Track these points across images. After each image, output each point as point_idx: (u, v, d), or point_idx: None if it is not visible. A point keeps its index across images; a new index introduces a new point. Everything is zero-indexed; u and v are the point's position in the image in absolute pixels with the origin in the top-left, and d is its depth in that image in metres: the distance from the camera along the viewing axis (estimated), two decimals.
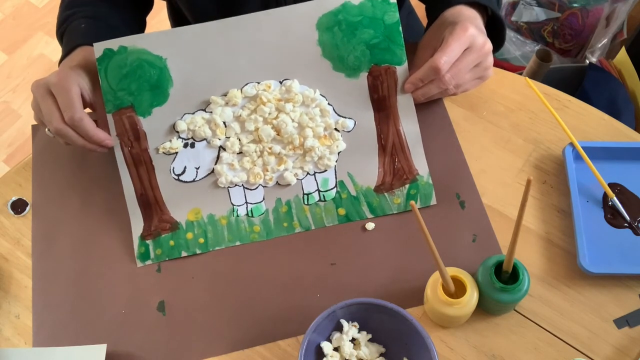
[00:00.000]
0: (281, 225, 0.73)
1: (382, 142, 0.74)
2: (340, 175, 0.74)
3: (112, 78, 0.71)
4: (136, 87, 0.71)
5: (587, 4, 1.42)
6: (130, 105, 0.71)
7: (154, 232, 0.72)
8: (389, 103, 0.74)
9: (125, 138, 0.72)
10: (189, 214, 0.72)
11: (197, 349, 0.67)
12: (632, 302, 0.67)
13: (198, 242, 0.72)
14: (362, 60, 0.73)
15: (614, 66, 1.31)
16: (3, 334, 0.69)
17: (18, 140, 1.76)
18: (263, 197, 0.74)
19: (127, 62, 0.70)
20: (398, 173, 0.74)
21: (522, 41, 1.52)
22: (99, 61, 0.71)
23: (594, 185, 0.72)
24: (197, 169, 0.73)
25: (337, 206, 0.73)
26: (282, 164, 0.73)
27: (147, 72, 0.71)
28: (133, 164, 0.73)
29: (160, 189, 0.73)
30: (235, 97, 0.72)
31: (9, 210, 0.76)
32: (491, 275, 0.62)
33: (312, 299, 0.69)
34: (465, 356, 0.65)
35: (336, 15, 0.72)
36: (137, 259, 0.71)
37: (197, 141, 0.73)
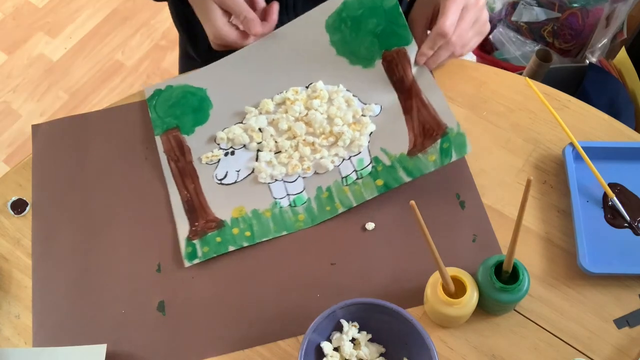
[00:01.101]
0: (324, 210, 0.73)
1: (408, 112, 0.77)
2: (373, 152, 0.76)
3: (160, 109, 0.80)
4: (180, 112, 0.80)
5: (587, 4, 1.42)
6: (175, 127, 0.79)
7: (200, 231, 0.73)
8: (407, 81, 0.77)
9: (172, 154, 0.78)
10: (234, 211, 0.74)
11: (197, 349, 0.67)
12: (632, 302, 0.67)
13: (244, 235, 0.72)
14: (373, 49, 0.78)
15: (614, 66, 1.31)
16: (3, 334, 0.69)
17: (18, 140, 1.77)
18: (303, 187, 0.75)
19: (173, 95, 0.81)
20: (428, 132, 0.74)
21: (522, 41, 1.52)
22: (149, 100, 0.81)
23: (594, 185, 0.72)
24: (237, 171, 0.76)
25: (375, 178, 0.74)
26: (318, 153, 0.76)
27: (189, 100, 0.80)
28: (179, 175, 0.77)
29: (204, 194, 0.75)
30: (267, 105, 0.79)
31: (9, 210, 0.76)
32: (491, 275, 0.62)
33: (312, 299, 0.69)
34: (465, 356, 0.65)
35: (340, 14, 0.79)
36: (185, 258, 0.71)
37: (237, 149, 0.77)
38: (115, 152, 0.79)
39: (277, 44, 0.81)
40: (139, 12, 2.00)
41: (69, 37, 1.92)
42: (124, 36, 1.95)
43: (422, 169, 0.72)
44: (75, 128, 0.82)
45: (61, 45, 1.91)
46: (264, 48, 0.81)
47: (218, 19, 0.78)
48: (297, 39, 0.80)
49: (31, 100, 1.83)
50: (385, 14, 0.77)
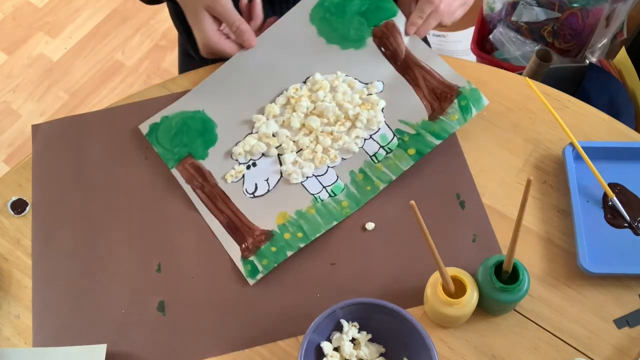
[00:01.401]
0: (365, 191, 0.74)
1: (414, 83, 0.78)
2: (393, 126, 0.77)
3: (164, 142, 0.78)
4: (187, 138, 0.78)
5: (587, 4, 1.42)
6: (188, 155, 0.77)
7: (252, 248, 0.71)
8: (401, 52, 0.79)
9: (194, 182, 0.76)
10: (278, 218, 0.73)
11: (197, 349, 0.67)
12: (632, 302, 0.67)
13: (297, 237, 0.71)
14: (362, 29, 0.80)
15: (614, 66, 1.31)
16: (3, 334, 0.69)
17: (18, 140, 1.77)
18: (336, 176, 0.75)
19: (172, 124, 0.79)
20: (441, 96, 0.76)
21: (522, 41, 1.52)
22: (148, 135, 0.79)
23: (594, 185, 0.72)
24: (266, 180, 0.75)
25: (405, 149, 0.74)
26: (339, 140, 0.76)
27: (191, 125, 0.79)
28: (209, 200, 0.75)
29: (242, 212, 0.74)
30: (272, 109, 0.78)
31: (9, 210, 0.76)
32: (491, 275, 0.62)
33: (312, 299, 0.69)
34: (465, 356, 0.65)
35: (322, 4, 0.81)
36: (248, 278, 0.70)
37: (256, 159, 0.77)
38: (115, 152, 0.79)
39: (265, 47, 0.81)
40: (139, 12, 2.00)
41: (69, 37, 1.92)
42: (124, 36, 1.95)
43: (447, 129, 0.74)
44: (75, 128, 0.82)
45: (61, 45, 1.91)
46: (253, 54, 0.80)
47: (208, 26, 0.78)
48: (285, 37, 0.81)
49: (31, 100, 1.83)
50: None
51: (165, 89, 0.84)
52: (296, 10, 0.81)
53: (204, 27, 0.77)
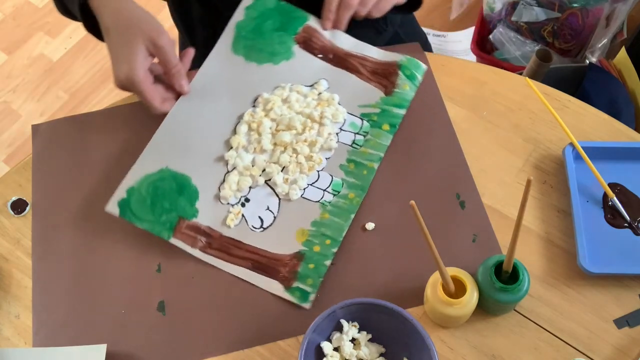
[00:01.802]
0: (363, 175, 0.75)
1: (354, 70, 0.81)
2: (357, 112, 0.78)
3: (144, 215, 0.72)
4: (168, 203, 0.73)
5: (587, 4, 1.42)
6: (179, 219, 0.72)
7: (290, 275, 0.70)
8: (328, 48, 0.81)
9: (199, 243, 0.71)
10: (298, 238, 0.72)
11: (197, 349, 0.67)
12: (632, 302, 0.67)
13: (326, 244, 0.71)
14: (284, 40, 0.81)
15: (614, 66, 1.31)
16: (3, 334, 0.69)
17: (18, 140, 1.77)
18: (330, 175, 0.75)
19: (143, 193, 0.73)
20: (385, 73, 0.80)
21: (522, 41, 1.52)
22: (123, 215, 0.72)
23: (594, 185, 0.72)
24: (268, 209, 0.73)
25: (379, 126, 0.77)
26: (316, 144, 0.76)
27: (165, 186, 0.74)
28: (223, 253, 0.71)
29: (260, 248, 0.71)
30: (238, 141, 0.76)
31: (9, 210, 0.76)
32: (491, 275, 0.62)
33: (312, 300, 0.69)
34: (465, 356, 0.65)
35: (240, 36, 0.82)
36: (302, 304, 0.68)
37: (247, 194, 0.74)
38: (115, 152, 0.79)
39: (201, 90, 0.79)
40: None
41: (69, 37, 1.92)
42: None
43: (406, 98, 0.79)
44: (75, 128, 0.82)
45: (61, 45, 1.91)
46: (191, 99, 0.78)
47: (140, 61, 0.72)
48: (218, 75, 0.80)
49: (31, 100, 1.83)
50: (274, 10, 0.82)
51: None
52: (218, 49, 0.82)
53: (134, 60, 0.72)
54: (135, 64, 0.72)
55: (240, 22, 0.82)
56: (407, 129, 0.79)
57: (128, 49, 0.72)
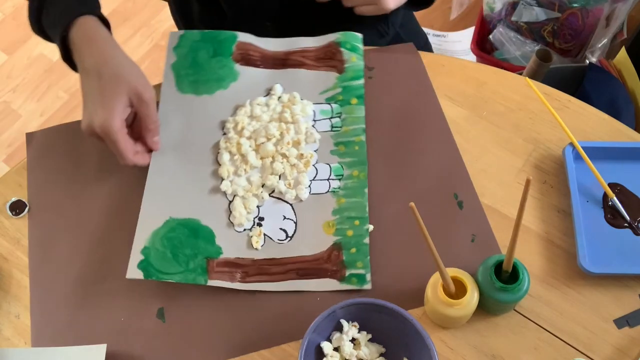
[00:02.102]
0: (355, 151, 0.77)
1: (300, 65, 0.83)
2: (321, 100, 0.81)
3: (171, 268, 0.69)
4: (189, 249, 0.71)
5: (587, 4, 1.42)
6: (207, 261, 0.70)
7: (338, 267, 0.69)
8: (268, 56, 0.84)
9: (237, 276, 0.70)
10: (327, 231, 0.71)
11: (198, 356, 0.67)
12: (632, 302, 0.67)
13: (356, 225, 0.72)
14: (224, 63, 0.83)
15: (614, 66, 1.31)
16: (3, 334, 0.69)
17: (18, 140, 1.76)
18: (327, 164, 0.76)
19: (160, 249, 0.70)
20: (329, 55, 0.83)
21: (522, 41, 1.52)
22: (148, 277, 0.68)
23: (594, 185, 0.72)
24: (286, 218, 0.73)
25: (348, 103, 0.80)
26: (300, 142, 0.77)
27: (179, 236, 0.71)
28: (265, 275, 0.70)
29: (296, 256, 0.70)
30: (225, 171, 0.75)
31: (7, 211, 0.76)
32: (491, 275, 0.62)
33: (311, 302, 0.68)
34: (465, 356, 0.65)
35: (179, 75, 0.83)
36: (364, 286, 0.68)
37: (259, 214, 0.73)
38: (110, 159, 0.78)
39: (168, 136, 0.78)
40: (139, 12, 2.00)
41: None
42: (124, 36, 1.95)
43: (358, 68, 0.82)
44: (70, 135, 0.81)
45: None
46: (162, 150, 0.77)
47: (119, 110, 0.69)
48: (177, 117, 0.79)
49: (31, 100, 1.82)
50: (201, 41, 0.84)
51: None
52: (165, 97, 0.81)
53: (114, 108, 0.69)
54: (115, 112, 0.69)
55: (174, 63, 0.84)
56: (403, 130, 0.79)
57: (109, 96, 0.69)
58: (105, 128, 0.68)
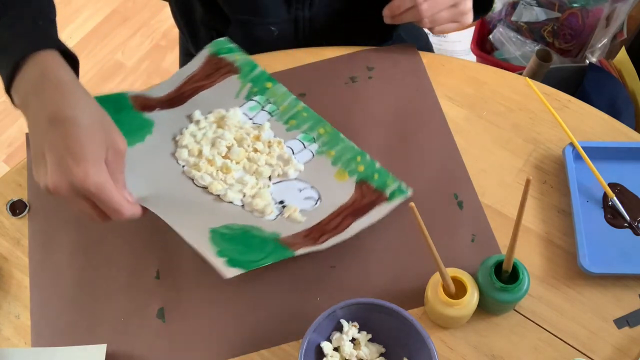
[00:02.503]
0: (304, 116, 0.79)
1: (199, 90, 0.82)
2: (241, 102, 0.81)
3: (258, 255, 0.66)
4: (256, 240, 0.68)
5: (587, 4, 1.42)
6: (278, 239, 0.69)
7: (376, 195, 0.72)
8: (163, 98, 0.81)
9: (311, 240, 0.69)
10: (342, 178, 0.75)
11: (198, 355, 0.67)
12: (632, 302, 0.67)
13: (358, 161, 0.75)
14: (132, 116, 0.77)
15: (614, 66, 1.31)
16: (3, 334, 0.69)
17: (18, 140, 1.77)
18: (294, 140, 0.78)
19: (233, 246, 0.67)
20: (217, 67, 0.84)
21: (522, 41, 1.52)
22: (248, 269, 0.63)
23: (594, 185, 0.72)
24: (301, 190, 0.74)
25: (265, 87, 0.82)
26: (259, 135, 0.77)
27: (234, 233, 0.68)
28: (327, 234, 0.69)
29: (337, 209, 0.72)
30: (216, 189, 0.73)
31: (7, 211, 0.76)
32: (491, 275, 0.62)
33: (311, 302, 0.68)
34: (465, 356, 0.65)
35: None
36: (407, 193, 0.72)
37: (278, 200, 0.73)
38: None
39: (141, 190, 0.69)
40: (139, 12, 2.00)
41: (69, 37, 1.92)
42: (124, 36, 1.95)
43: (249, 62, 0.84)
44: None
45: None
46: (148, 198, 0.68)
47: (96, 162, 0.57)
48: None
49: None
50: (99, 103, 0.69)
51: None
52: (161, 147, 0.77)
53: (99, 161, 0.57)
54: (102, 165, 0.57)
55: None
56: (403, 130, 0.79)
57: (90, 147, 0.56)
58: (97, 184, 0.56)
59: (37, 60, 0.59)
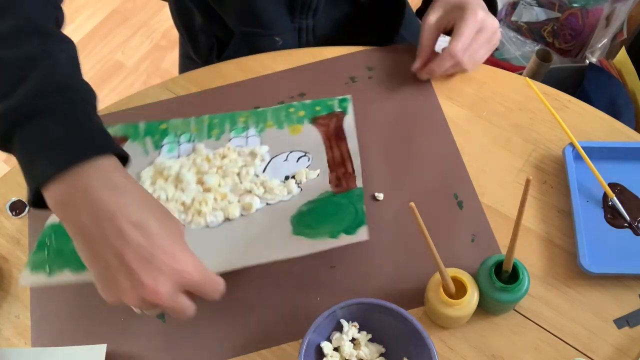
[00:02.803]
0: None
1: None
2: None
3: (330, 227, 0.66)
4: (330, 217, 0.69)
5: (587, 4, 1.42)
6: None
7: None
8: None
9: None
10: (294, 132, 0.77)
11: (198, 355, 0.67)
12: (632, 302, 0.67)
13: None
14: None
15: (614, 66, 1.31)
16: (3, 334, 0.69)
17: None
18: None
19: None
20: None
21: (522, 41, 1.52)
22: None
23: (594, 185, 0.72)
24: (287, 179, 0.74)
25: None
26: (228, 155, 0.76)
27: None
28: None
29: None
30: (233, 210, 0.71)
31: (7, 211, 0.76)
32: (491, 275, 0.62)
33: (312, 303, 0.68)
34: (465, 356, 0.65)
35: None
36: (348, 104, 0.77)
37: (286, 175, 0.74)
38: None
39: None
40: (139, 12, 2.00)
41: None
42: (124, 36, 1.95)
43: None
44: None
45: None
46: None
47: (187, 250, 0.52)
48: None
49: None
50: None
51: (166, 89, 0.84)
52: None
53: (192, 258, 0.52)
54: (198, 263, 0.52)
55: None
56: (403, 130, 0.79)
57: (180, 238, 0.52)
58: (201, 271, 0.52)
59: (95, 165, 0.50)
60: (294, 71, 0.85)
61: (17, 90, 0.50)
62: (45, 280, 0.63)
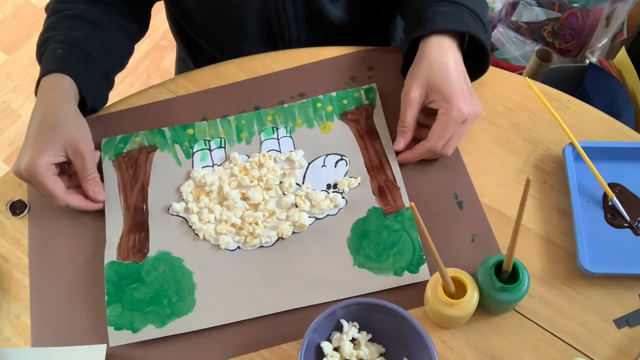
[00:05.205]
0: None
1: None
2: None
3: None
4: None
5: (587, 4, 1.42)
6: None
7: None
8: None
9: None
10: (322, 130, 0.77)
11: (198, 355, 0.67)
12: (632, 302, 0.67)
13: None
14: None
15: (614, 66, 1.31)
16: (3, 334, 0.69)
17: (18, 140, 1.76)
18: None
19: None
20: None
21: (522, 41, 1.52)
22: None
23: (594, 185, 0.72)
24: (329, 188, 0.74)
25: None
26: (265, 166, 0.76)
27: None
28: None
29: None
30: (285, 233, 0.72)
31: (7, 211, 0.76)
32: (491, 275, 0.62)
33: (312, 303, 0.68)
34: (465, 356, 0.65)
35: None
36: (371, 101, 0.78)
37: (327, 183, 0.75)
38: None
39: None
40: None
41: None
42: None
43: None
44: None
45: None
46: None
47: (48, 155, 0.69)
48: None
49: (31, 100, 1.82)
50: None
51: (166, 89, 0.84)
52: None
53: (41, 152, 0.69)
54: (41, 155, 0.69)
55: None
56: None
57: (41, 141, 0.70)
58: (30, 170, 0.68)
59: (50, 75, 0.75)
60: (294, 71, 0.85)
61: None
62: (133, 337, 0.67)
